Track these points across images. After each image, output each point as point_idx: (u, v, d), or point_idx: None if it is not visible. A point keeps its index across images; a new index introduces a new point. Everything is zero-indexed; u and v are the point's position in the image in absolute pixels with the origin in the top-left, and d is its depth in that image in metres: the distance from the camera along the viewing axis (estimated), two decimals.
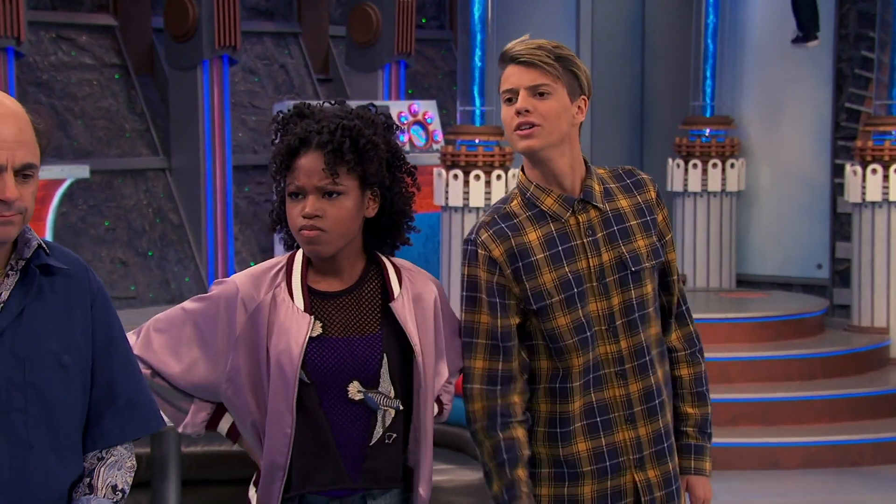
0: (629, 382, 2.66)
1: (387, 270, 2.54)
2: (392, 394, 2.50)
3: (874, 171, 7.41)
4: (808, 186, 8.39)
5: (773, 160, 8.46)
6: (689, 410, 2.78)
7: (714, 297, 8.01)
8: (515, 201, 2.69)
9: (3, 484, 2.13)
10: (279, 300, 2.48)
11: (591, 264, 2.65)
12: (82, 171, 6.78)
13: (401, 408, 2.52)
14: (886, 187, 7.39)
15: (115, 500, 2.23)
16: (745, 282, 8.47)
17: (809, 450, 6.45)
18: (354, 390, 2.47)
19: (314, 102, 2.56)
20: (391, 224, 2.56)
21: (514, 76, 2.65)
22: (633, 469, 2.67)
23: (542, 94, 2.62)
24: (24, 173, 2.14)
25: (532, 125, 2.61)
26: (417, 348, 2.49)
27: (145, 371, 2.55)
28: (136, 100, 7.84)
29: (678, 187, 8.29)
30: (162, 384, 2.58)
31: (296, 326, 2.46)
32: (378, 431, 2.49)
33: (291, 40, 8.67)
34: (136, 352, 2.52)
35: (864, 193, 7.43)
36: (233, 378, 2.50)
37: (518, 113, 2.62)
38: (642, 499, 2.68)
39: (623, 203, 2.70)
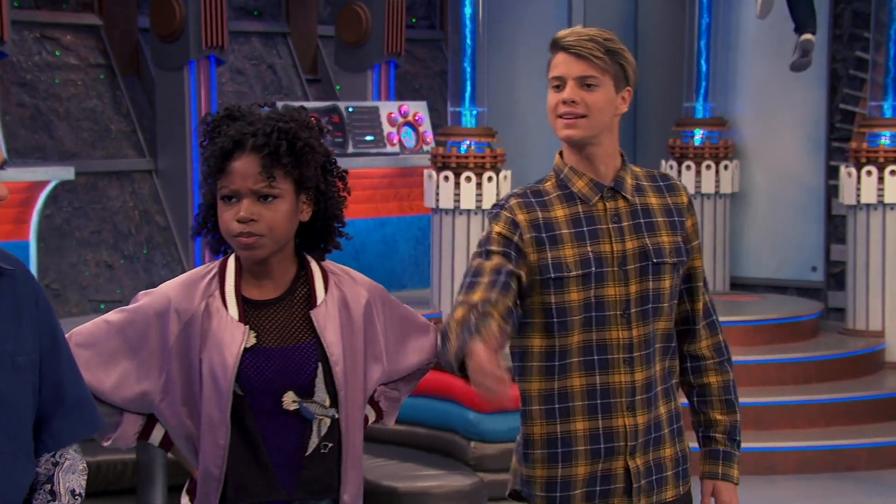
0: (635, 370, 2.72)
1: (313, 276, 2.51)
2: (327, 403, 2.48)
3: (869, 172, 7.38)
4: (802, 188, 8.36)
5: (768, 162, 8.43)
6: (718, 417, 2.86)
7: None
8: (549, 182, 2.79)
9: None
10: (213, 309, 2.46)
11: (615, 249, 2.72)
12: (67, 172, 6.73)
13: (336, 417, 2.49)
14: (881, 189, 7.37)
15: None
16: (738, 285, 8.45)
17: (804, 454, 6.43)
18: (289, 400, 2.45)
19: (243, 104, 2.53)
20: (324, 229, 2.55)
21: (563, 65, 2.73)
22: (627, 455, 2.73)
23: (589, 86, 2.71)
24: None
25: (576, 116, 2.70)
26: (333, 357, 2.46)
27: None
28: (122, 100, 7.78)
29: None
30: None
31: (229, 337, 2.44)
32: (314, 441, 2.48)
33: (279, 40, 8.63)
34: None
35: (858, 195, 7.41)
36: (168, 390, 2.48)
37: (564, 102, 2.71)
38: (632, 485, 2.73)
39: (652, 200, 2.79)
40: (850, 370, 7.09)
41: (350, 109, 7.83)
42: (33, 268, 6.74)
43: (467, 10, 7.07)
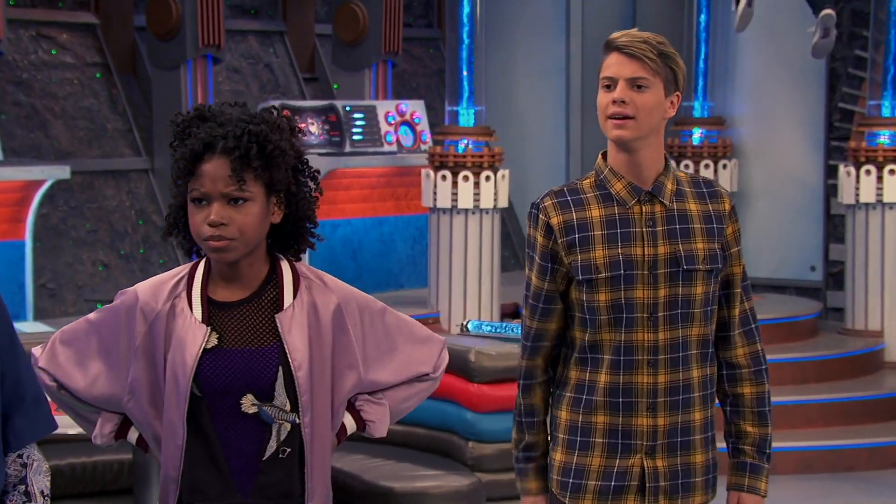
0: (658, 373, 2.75)
1: (282, 279, 2.49)
2: (287, 407, 2.46)
3: (868, 172, 7.37)
4: (801, 188, 8.35)
5: (766, 161, 8.41)
6: (749, 429, 2.86)
7: None
8: (588, 180, 2.83)
9: None
10: (178, 310, 2.46)
11: (646, 253, 2.76)
12: (63, 171, 6.71)
13: (297, 422, 2.47)
14: (880, 188, 7.35)
15: None
16: None
17: (803, 455, 6.42)
18: (248, 403, 2.45)
19: (213, 105, 2.52)
20: (296, 230, 2.53)
21: (615, 65, 2.76)
22: (644, 454, 2.76)
23: (640, 87, 2.73)
24: None
25: (626, 116, 2.73)
26: (295, 362, 2.45)
27: (51, 384, 2.54)
28: (118, 99, 7.76)
29: None
30: (66, 396, 2.56)
31: (191, 337, 2.43)
32: (272, 445, 2.46)
33: (276, 39, 8.61)
34: (41, 364, 2.53)
35: (857, 195, 7.40)
36: (133, 390, 2.48)
37: (614, 102, 2.74)
38: (647, 485, 2.76)
39: (692, 206, 2.80)
40: (850, 370, 7.08)
41: (347, 108, 7.80)
42: (29, 267, 6.71)
43: (465, 9, 7.05)
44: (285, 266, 2.52)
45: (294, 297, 2.48)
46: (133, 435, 2.55)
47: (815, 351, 7.09)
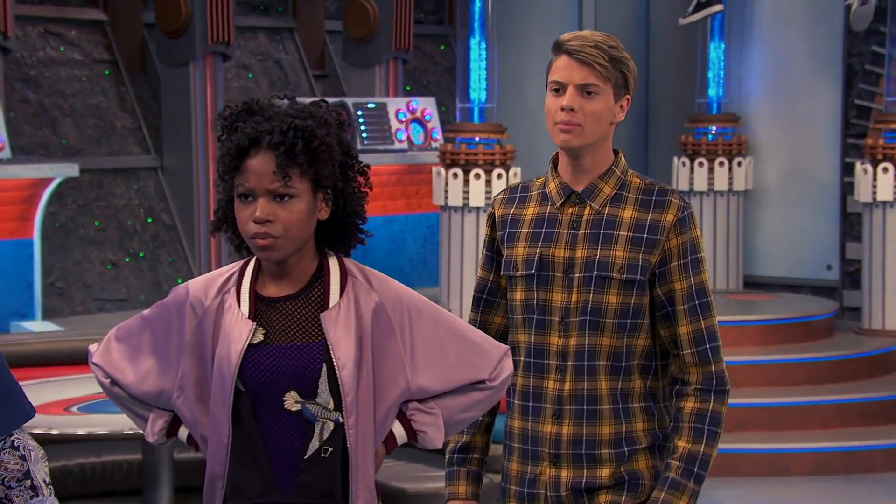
0: (565, 379, 2.71)
1: (329, 277, 2.47)
2: (331, 406, 2.43)
3: (885, 169, 7.33)
4: (817, 185, 8.28)
5: (782, 158, 8.35)
6: (680, 443, 2.71)
7: (721, 299, 7.92)
8: (540, 180, 2.82)
9: None
10: (226, 306, 2.44)
11: (564, 255, 2.72)
12: (71, 169, 6.70)
13: (341, 421, 2.43)
14: None
15: (52, 493, 2.25)
16: (752, 283, 8.39)
17: (819, 456, 6.39)
18: (291, 400, 2.41)
19: (262, 98, 2.48)
20: (344, 226, 2.51)
21: (564, 70, 2.71)
22: (549, 462, 2.73)
23: (589, 94, 2.69)
24: None
25: (574, 123, 2.68)
26: (339, 360, 2.42)
27: (104, 380, 2.53)
28: (127, 97, 7.73)
29: (684, 186, 8.19)
30: (120, 393, 2.54)
31: (237, 332, 2.41)
32: (314, 444, 2.42)
33: (286, 35, 8.57)
34: (95, 360, 2.52)
35: (874, 192, 7.36)
36: (183, 386, 2.46)
37: (563, 109, 2.69)
38: (548, 493, 2.73)
39: (626, 213, 2.72)
40: (866, 370, 7.04)
41: (357, 105, 7.75)
42: (37, 266, 6.68)
43: (476, 5, 7.00)
44: (333, 263, 2.49)
45: (340, 295, 2.46)
46: (183, 433, 2.53)
47: (831, 351, 7.05)
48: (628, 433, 2.71)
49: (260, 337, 2.41)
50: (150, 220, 7.64)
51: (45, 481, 2.23)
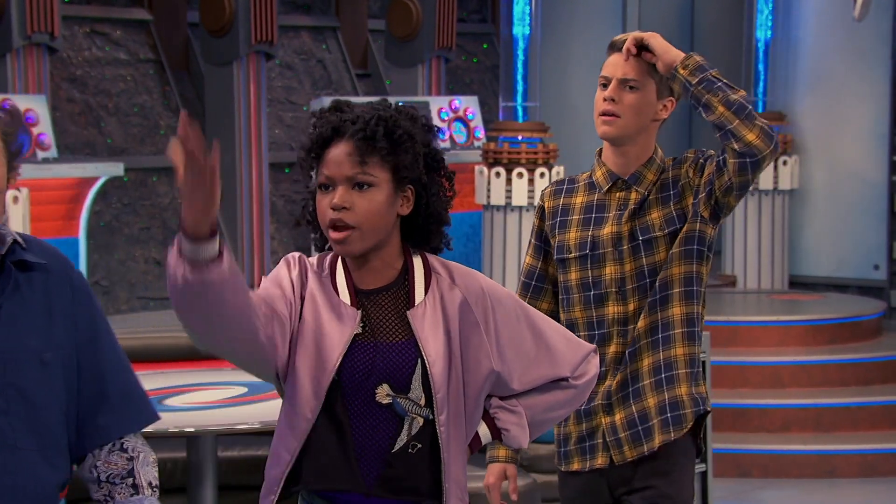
0: (626, 341, 2.97)
1: (413, 274, 2.45)
2: (422, 401, 2.41)
3: None
4: (864, 184, 8.20)
5: (828, 157, 8.27)
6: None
7: (766, 299, 7.87)
8: (586, 173, 3.06)
9: None
10: (326, 288, 2.42)
11: (612, 231, 2.97)
12: (116, 168, 6.73)
13: (430, 417, 2.42)
14: None
15: (156, 496, 2.29)
16: (798, 283, 8.32)
17: (867, 457, 6.34)
18: (383, 393, 2.40)
19: (354, 99, 2.50)
20: (425, 226, 2.48)
21: (611, 65, 2.94)
22: (603, 413, 2.99)
23: (631, 88, 2.91)
24: None
25: (614, 115, 2.90)
26: (430, 357, 2.41)
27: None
28: (171, 96, 7.76)
29: None
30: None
31: (343, 319, 2.39)
32: (402, 439, 2.40)
33: (329, 34, 8.59)
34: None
35: None
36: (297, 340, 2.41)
37: (605, 100, 2.92)
38: (607, 439, 2.98)
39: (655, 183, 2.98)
40: None
41: (400, 104, 7.75)
42: (82, 265, 6.71)
43: (520, 4, 6.98)
44: (417, 261, 2.48)
45: (426, 293, 2.45)
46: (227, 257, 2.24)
47: (878, 351, 6.98)
48: (666, 359, 2.95)
49: (359, 329, 2.39)
50: None
51: (149, 483, 2.28)
